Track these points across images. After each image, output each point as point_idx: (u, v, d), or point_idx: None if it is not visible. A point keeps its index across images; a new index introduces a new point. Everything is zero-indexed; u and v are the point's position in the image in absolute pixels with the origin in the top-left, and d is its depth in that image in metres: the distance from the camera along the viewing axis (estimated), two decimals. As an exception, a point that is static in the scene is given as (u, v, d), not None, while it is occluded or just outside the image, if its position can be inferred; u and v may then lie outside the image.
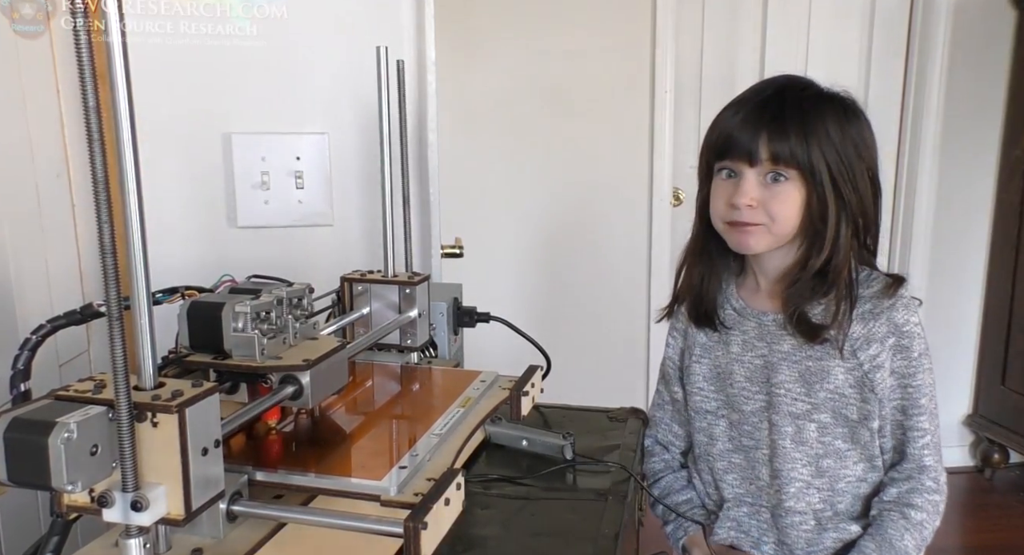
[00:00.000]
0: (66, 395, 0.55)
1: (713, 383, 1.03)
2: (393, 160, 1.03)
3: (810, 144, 0.89)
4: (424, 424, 0.83)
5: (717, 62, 2.66)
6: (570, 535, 0.74)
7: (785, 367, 0.97)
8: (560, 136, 2.52)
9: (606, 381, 2.64)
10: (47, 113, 1.13)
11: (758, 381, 0.99)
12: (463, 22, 2.39)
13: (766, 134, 0.90)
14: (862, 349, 0.94)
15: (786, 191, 0.91)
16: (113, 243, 0.50)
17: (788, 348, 0.97)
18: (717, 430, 1.03)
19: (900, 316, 0.94)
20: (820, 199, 0.90)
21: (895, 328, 0.94)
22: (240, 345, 0.71)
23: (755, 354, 0.99)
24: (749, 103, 0.93)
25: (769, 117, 0.90)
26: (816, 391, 0.95)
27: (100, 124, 0.49)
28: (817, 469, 0.97)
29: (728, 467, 1.02)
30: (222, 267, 0.85)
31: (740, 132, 0.91)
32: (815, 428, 0.96)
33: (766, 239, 0.93)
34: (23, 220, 1.07)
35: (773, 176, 0.91)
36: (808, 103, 0.91)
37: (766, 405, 0.99)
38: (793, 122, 0.90)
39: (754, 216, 0.91)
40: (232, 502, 0.65)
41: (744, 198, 0.91)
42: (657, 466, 1.11)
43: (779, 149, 0.89)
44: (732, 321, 1.02)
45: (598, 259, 2.61)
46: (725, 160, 0.93)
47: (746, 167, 0.91)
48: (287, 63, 1.26)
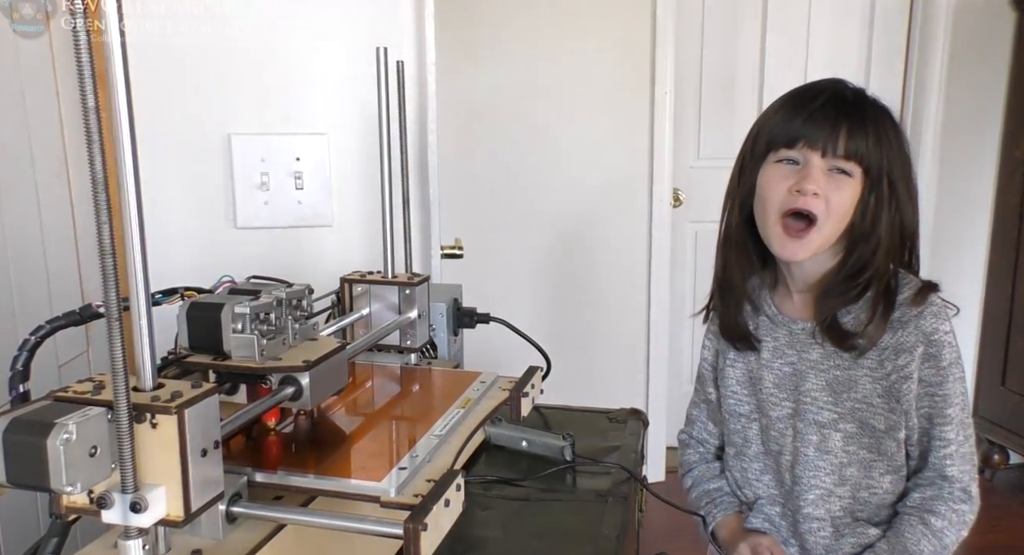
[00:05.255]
0: (65, 396, 0.55)
1: (746, 387, 1.04)
2: (393, 161, 1.03)
3: (881, 144, 0.91)
4: (424, 425, 0.83)
5: (717, 63, 2.66)
6: (570, 536, 0.74)
7: (813, 376, 0.97)
8: (560, 136, 2.51)
9: (606, 382, 2.64)
10: (47, 113, 1.13)
11: (786, 388, 1.00)
12: (463, 22, 2.38)
13: (846, 127, 0.91)
14: (890, 358, 0.93)
15: (849, 185, 0.91)
16: (112, 244, 0.50)
17: (816, 357, 0.97)
18: (751, 433, 1.04)
19: (929, 324, 0.92)
20: (878, 199, 0.91)
21: (924, 337, 0.92)
22: (240, 346, 0.70)
23: (784, 361, 1.00)
24: (821, 96, 0.93)
25: (848, 112, 0.91)
26: (843, 400, 0.95)
27: (100, 124, 0.49)
28: (840, 477, 0.97)
29: (763, 469, 1.04)
30: (222, 268, 0.85)
31: (816, 122, 0.91)
32: (840, 437, 0.96)
33: (816, 242, 0.92)
34: (22, 221, 1.07)
35: (840, 169, 0.91)
36: (878, 107, 0.94)
37: (792, 412, 0.99)
38: (871, 121, 0.91)
39: (816, 205, 0.91)
40: (231, 503, 0.65)
41: (813, 185, 0.90)
42: (692, 458, 1.13)
43: (856, 144, 0.90)
44: (765, 329, 1.02)
45: (598, 260, 2.61)
46: (792, 149, 0.93)
47: (817, 157, 0.91)
48: (287, 63, 1.26)
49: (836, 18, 2.61)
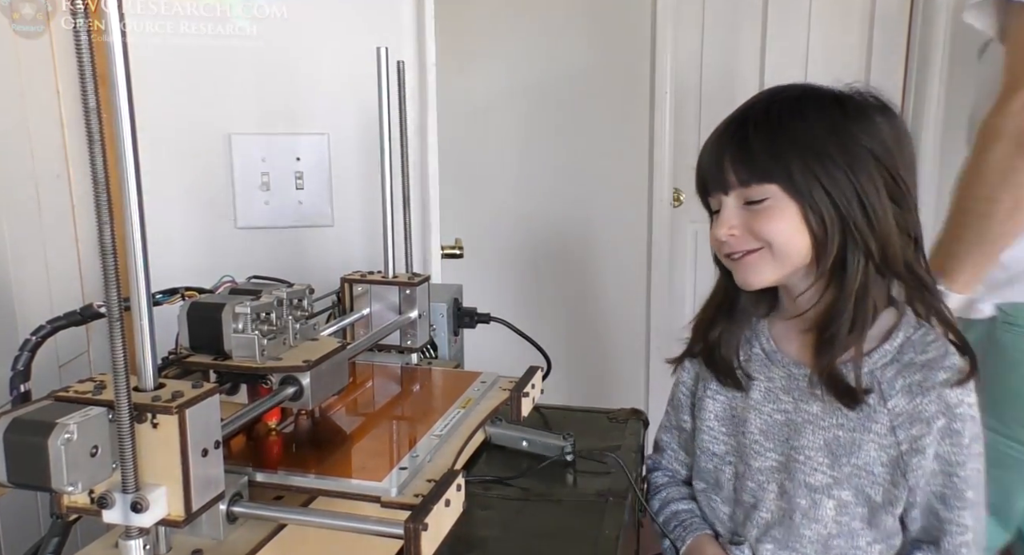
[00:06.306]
0: (66, 396, 0.55)
1: (726, 425, 0.92)
2: (393, 161, 1.03)
3: (780, 152, 0.78)
4: (424, 425, 0.83)
5: (717, 63, 2.66)
6: (571, 536, 0.74)
7: (810, 432, 0.85)
8: (560, 136, 2.51)
9: (606, 382, 2.64)
10: (47, 113, 1.13)
11: (775, 438, 0.87)
12: (463, 22, 2.39)
13: (729, 156, 0.81)
14: (903, 427, 0.81)
15: (770, 209, 0.80)
16: (113, 244, 0.50)
17: (817, 411, 0.85)
18: (723, 476, 0.92)
19: (955, 395, 0.80)
20: (816, 214, 0.78)
21: (947, 409, 0.80)
22: (240, 346, 0.71)
23: (777, 407, 0.88)
24: (717, 130, 0.84)
25: (729, 136, 0.82)
26: (842, 464, 0.83)
27: (100, 125, 0.49)
28: (824, 547, 0.85)
29: (731, 515, 0.93)
30: (222, 268, 0.85)
31: (708, 162, 0.83)
32: (833, 506, 0.84)
33: (769, 268, 0.82)
34: (23, 221, 1.07)
35: (751, 199, 0.81)
36: (781, 108, 0.81)
37: (779, 467, 0.87)
38: (759, 134, 0.80)
39: (741, 243, 0.82)
40: (232, 503, 0.65)
41: (722, 228, 0.82)
42: (660, 480, 1.03)
43: (745, 168, 0.80)
44: (759, 366, 0.90)
45: (598, 260, 2.61)
46: (709, 196, 0.86)
47: (723, 196, 0.83)
48: (287, 63, 1.26)
49: (836, 18, 2.61)
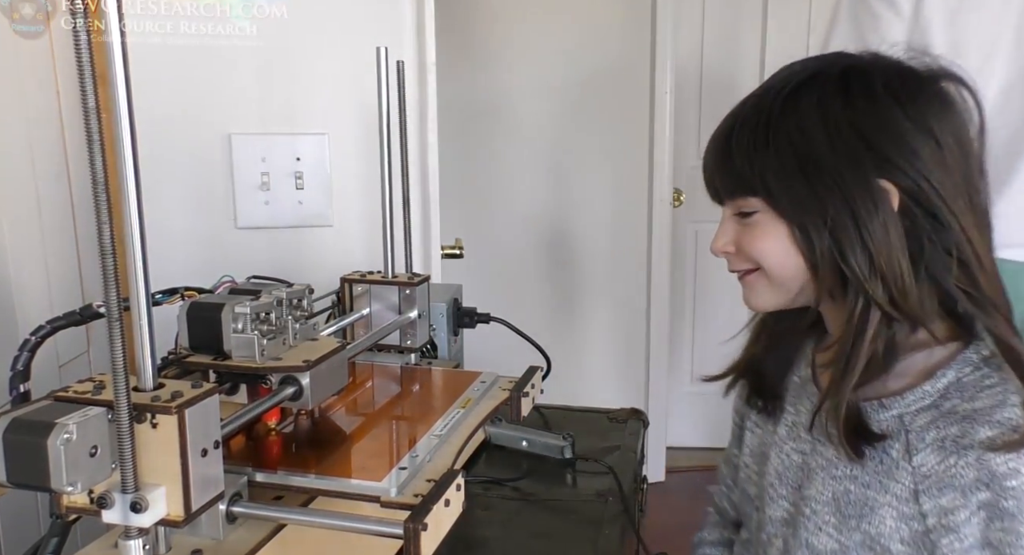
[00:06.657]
0: (66, 396, 0.55)
1: (756, 462, 0.79)
2: (393, 161, 1.03)
3: (759, 158, 0.66)
4: (424, 425, 0.83)
5: (717, 62, 2.66)
6: (570, 536, 0.74)
7: (820, 480, 0.69)
8: (560, 136, 2.52)
9: (606, 382, 2.64)
10: (47, 113, 1.13)
11: (788, 483, 0.73)
12: (463, 22, 2.39)
13: (712, 160, 0.71)
14: (930, 493, 0.62)
15: (760, 225, 0.68)
16: (113, 244, 0.50)
17: (831, 456, 0.69)
18: (752, 524, 0.79)
19: (1002, 462, 0.59)
20: (804, 234, 0.65)
21: (991, 477, 0.60)
22: (240, 346, 0.70)
23: (796, 446, 0.73)
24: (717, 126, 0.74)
25: (716, 137, 0.71)
26: (850, 528, 0.66)
27: (100, 125, 0.49)
28: None
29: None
30: (222, 268, 0.85)
31: (704, 166, 0.73)
32: None
33: (767, 292, 0.70)
34: (23, 221, 1.07)
35: (741, 210, 0.70)
36: (772, 98, 0.66)
37: (787, 519, 0.73)
38: (740, 134, 0.67)
39: (736, 262, 0.72)
40: (232, 503, 0.65)
41: (716, 242, 0.72)
42: (707, 517, 0.91)
43: (728, 177, 0.69)
44: (793, 395, 0.76)
45: (598, 260, 2.61)
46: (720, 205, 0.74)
47: (724, 208, 0.72)
48: (287, 63, 1.26)
49: (836, 18, 2.61)
